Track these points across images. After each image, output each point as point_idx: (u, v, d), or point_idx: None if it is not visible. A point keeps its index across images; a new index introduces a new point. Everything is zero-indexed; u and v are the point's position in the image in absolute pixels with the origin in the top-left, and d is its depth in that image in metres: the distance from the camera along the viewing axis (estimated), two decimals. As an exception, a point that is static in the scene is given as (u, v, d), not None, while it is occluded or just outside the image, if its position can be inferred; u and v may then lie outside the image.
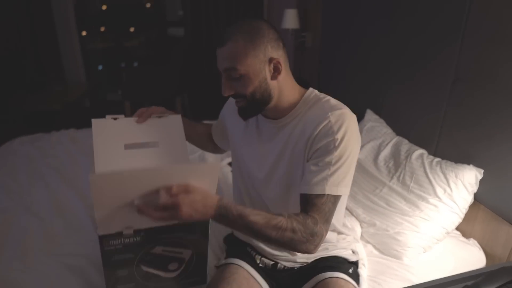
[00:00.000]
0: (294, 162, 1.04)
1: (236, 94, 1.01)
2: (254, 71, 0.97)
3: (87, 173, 1.80)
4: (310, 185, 0.96)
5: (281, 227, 0.90)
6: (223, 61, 0.97)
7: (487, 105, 1.36)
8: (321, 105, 1.02)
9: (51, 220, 1.46)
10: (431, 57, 1.60)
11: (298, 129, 1.03)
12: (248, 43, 0.95)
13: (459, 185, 1.40)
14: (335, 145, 0.95)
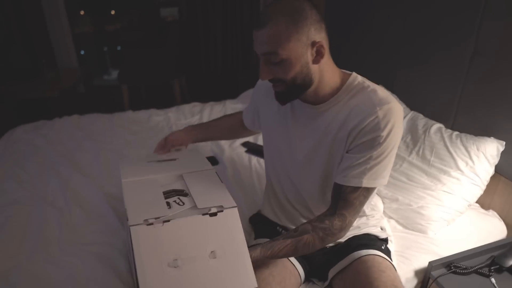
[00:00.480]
0: (334, 150, 1.01)
1: (275, 79, 0.96)
2: (296, 55, 0.91)
3: (98, 159, 1.75)
4: (348, 177, 0.96)
5: (310, 243, 0.99)
6: (262, 45, 0.91)
7: (509, 78, 1.35)
8: (367, 95, 0.97)
9: (69, 209, 1.42)
10: (448, 30, 1.57)
11: (341, 117, 0.99)
12: (290, 26, 0.89)
13: (481, 157, 1.40)
14: (380, 141, 0.93)
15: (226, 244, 0.92)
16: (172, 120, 2.17)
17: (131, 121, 2.13)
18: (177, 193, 1.05)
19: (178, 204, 1.00)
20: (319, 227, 0.98)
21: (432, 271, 1.24)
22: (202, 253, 0.90)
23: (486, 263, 1.25)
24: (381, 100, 0.94)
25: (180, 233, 0.92)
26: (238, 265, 0.90)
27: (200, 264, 0.88)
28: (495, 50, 1.39)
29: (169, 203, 1.00)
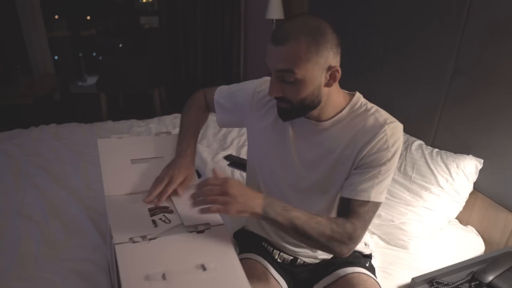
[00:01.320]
0: (338, 168, 1.02)
1: (283, 97, 0.95)
2: (311, 77, 0.91)
3: (77, 171, 1.70)
4: (356, 191, 0.96)
5: (322, 224, 0.91)
6: (279, 62, 0.89)
7: (487, 97, 1.41)
8: (373, 115, 0.99)
9: (47, 223, 1.36)
10: (428, 49, 1.63)
11: (346, 136, 0.99)
12: (312, 47, 0.88)
13: (460, 174, 1.45)
14: (389, 157, 0.95)
15: (215, 258, 0.89)
16: (153, 131, 2.13)
17: (111, 132, 2.08)
18: (161, 210, 1.03)
19: (164, 222, 0.98)
20: (333, 220, 0.94)
21: (415, 287, 1.26)
22: (191, 266, 0.86)
23: (467, 279, 1.29)
24: (386, 120, 0.97)
25: (167, 249, 0.90)
26: (230, 277, 0.87)
27: (190, 277, 0.84)
28: (474, 69, 1.45)
29: (154, 221, 0.98)
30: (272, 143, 1.11)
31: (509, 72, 1.33)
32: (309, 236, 0.91)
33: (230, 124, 1.29)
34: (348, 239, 0.92)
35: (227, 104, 1.22)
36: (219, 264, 0.88)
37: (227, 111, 1.23)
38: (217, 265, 0.87)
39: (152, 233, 0.91)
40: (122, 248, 0.88)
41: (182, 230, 0.95)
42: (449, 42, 1.53)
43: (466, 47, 1.47)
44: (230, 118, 1.25)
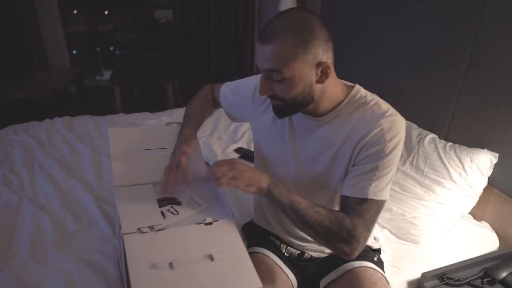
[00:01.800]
0: (335, 162, 1.00)
1: (274, 95, 0.94)
2: (300, 75, 0.88)
3: (89, 162, 1.72)
4: (354, 188, 0.94)
5: (321, 214, 0.91)
6: (265, 61, 0.88)
7: (504, 90, 1.36)
8: (370, 108, 0.96)
9: (59, 213, 1.39)
10: (443, 41, 1.59)
11: (344, 130, 0.97)
12: (298, 45, 0.85)
13: (474, 169, 1.41)
14: (386, 153, 0.92)
15: (223, 248, 0.89)
16: (164, 124, 2.14)
17: (123, 124, 2.10)
18: (169, 201, 1.03)
19: (172, 214, 0.99)
20: (333, 212, 0.93)
21: (425, 282, 1.24)
22: (198, 256, 0.87)
23: (479, 275, 1.26)
24: (384, 113, 0.94)
25: (175, 239, 0.91)
26: (239, 267, 0.87)
27: (197, 266, 0.84)
28: (490, 62, 1.41)
29: (163, 212, 0.98)
30: (272, 138, 1.10)
31: (526, 63, 1.29)
32: (307, 223, 0.91)
33: (237, 118, 1.29)
34: (347, 235, 0.90)
35: (232, 98, 1.22)
36: (227, 254, 0.88)
37: (232, 105, 1.23)
38: (225, 256, 0.88)
39: (160, 224, 0.92)
40: (130, 238, 0.89)
41: (190, 221, 0.96)
42: (464, 34, 1.48)
43: (482, 39, 1.43)
44: (236, 113, 1.25)
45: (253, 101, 1.15)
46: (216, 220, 0.97)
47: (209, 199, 1.04)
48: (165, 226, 0.92)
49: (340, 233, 0.90)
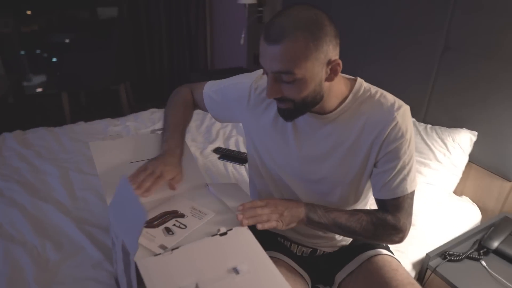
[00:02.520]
0: (348, 159, 0.98)
1: (283, 98, 0.88)
2: (312, 74, 0.84)
3: (57, 180, 1.54)
4: (391, 191, 0.95)
5: (363, 220, 0.95)
6: (275, 63, 0.82)
7: (479, 71, 1.43)
8: (379, 101, 0.94)
9: (35, 243, 1.22)
10: (418, 25, 1.63)
11: (354, 125, 0.95)
12: (310, 43, 0.80)
13: (456, 148, 1.48)
14: (407, 146, 0.92)
15: (245, 259, 0.84)
16: (132, 130, 1.99)
17: (86, 134, 1.92)
18: (172, 215, 0.95)
19: (180, 228, 0.91)
20: (373, 214, 0.97)
21: (430, 261, 1.27)
22: (223, 271, 0.81)
23: (474, 247, 1.32)
24: (393, 104, 0.93)
25: (193, 257, 0.83)
26: (266, 277, 0.82)
27: (225, 283, 0.79)
28: (465, 45, 1.47)
29: (169, 228, 0.90)
30: (274, 139, 1.05)
31: (500, 46, 1.36)
32: (354, 233, 0.96)
33: (224, 119, 1.23)
34: (394, 230, 0.95)
35: (219, 99, 1.14)
36: (251, 264, 0.83)
37: (219, 106, 1.16)
38: (250, 267, 0.82)
39: (172, 242, 0.84)
40: (145, 263, 0.79)
41: (202, 234, 0.89)
42: (439, 19, 1.53)
43: (457, 23, 1.48)
44: (222, 114, 1.18)
45: (248, 103, 1.08)
46: (230, 228, 0.91)
47: (211, 206, 0.97)
48: (178, 243, 0.84)
49: (386, 230, 0.96)
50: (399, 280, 1.00)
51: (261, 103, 1.06)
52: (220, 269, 0.81)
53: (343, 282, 1.11)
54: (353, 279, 1.09)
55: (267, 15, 2.70)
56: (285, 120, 0.96)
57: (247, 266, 0.82)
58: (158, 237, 0.87)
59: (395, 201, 0.95)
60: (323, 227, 0.95)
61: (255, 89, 1.07)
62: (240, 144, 1.95)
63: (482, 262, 1.27)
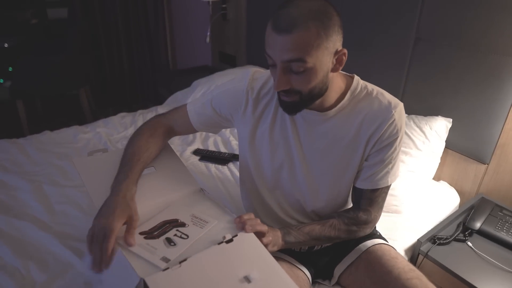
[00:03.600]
0: (347, 155, 1.00)
1: (291, 89, 0.87)
2: (321, 64, 0.84)
3: (30, 195, 1.43)
4: (374, 181, 1.00)
5: (336, 226, 1.02)
6: (286, 52, 0.81)
7: (451, 60, 1.50)
8: (377, 99, 0.96)
9: (16, 265, 1.12)
10: (388, 19, 1.67)
11: (353, 122, 0.97)
12: (321, 32, 0.81)
13: (434, 135, 1.55)
14: (398, 141, 0.98)
15: (255, 266, 0.83)
16: (104, 136, 1.89)
17: (53, 143, 1.79)
18: (172, 224, 0.91)
19: (182, 238, 0.87)
20: (344, 215, 1.04)
21: (421, 246, 1.32)
22: (235, 281, 0.79)
23: (459, 229, 1.39)
24: (391, 102, 0.96)
25: (203, 268, 0.81)
26: (278, 282, 0.82)
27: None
28: (436, 36, 1.53)
29: (170, 239, 0.86)
30: (273, 139, 1.04)
31: (470, 35, 1.43)
32: (330, 239, 1.04)
33: (218, 129, 1.19)
34: (365, 225, 1.05)
35: (208, 111, 1.10)
36: (262, 272, 0.82)
37: (209, 119, 1.11)
38: (261, 274, 0.81)
39: (175, 254, 0.81)
40: (154, 280, 0.75)
41: (206, 243, 0.86)
42: (409, 11, 1.58)
43: (427, 15, 1.54)
44: (214, 125, 1.14)
45: (246, 107, 1.05)
46: (235, 235, 0.89)
47: (211, 213, 0.95)
48: (181, 255, 0.81)
49: (359, 227, 1.04)
50: (400, 267, 1.03)
51: (259, 104, 1.04)
52: (232, 279, 0.79)
53: (343, 275, 1.13)
54: (353, 271, 1.11)
55: (231, 12, 2.67)
56: (289, 113, 0.96)
57: (258, 274, 0.81)
58: (159, 249, 0.83)
59: (372, 193, 1.02)
60: (302, 244, 1.02)
61: (252, 92, 1.04)
62: (219, 144, 1.92)
63: (468, 243, 1.34)
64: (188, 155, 1.79)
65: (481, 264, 1.26)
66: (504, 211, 1.42)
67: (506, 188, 1.50)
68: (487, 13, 1.37)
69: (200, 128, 1.14)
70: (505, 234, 1.33)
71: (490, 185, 1.55)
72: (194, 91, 2.26)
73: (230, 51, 2.83)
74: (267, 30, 0.84)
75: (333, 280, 1.15)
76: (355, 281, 1.10)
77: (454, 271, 1.23)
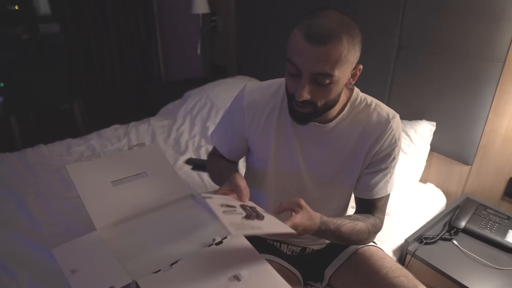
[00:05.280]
0: (348, 165, 1.02)
1: (308, 101, 0.87)
2: (343, 78, 0.85)
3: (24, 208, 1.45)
4: (375, 191, 1.03)
5: (362, 232, 1.00)
6: (319, 64, 0.81)
7: (433, 66, 1.56)
8: (376, 110, 0.99)
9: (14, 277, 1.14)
10: (371, 28, 1.73)
11: (352, 133, 0.99)
12: (350, 46, 0.81)
13: (419, 139, 1.60)
14: (397, 151, 1.01)
15: (245, 265, 0.86)
16: (97, 148, 1.92)
17: (48, 157, 1.82)
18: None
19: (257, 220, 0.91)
20: (367, 221, 1.02)
21: (409, 246, 1.36)
22: (224, 280, 0.82)
23: (445, 229, 1.43)
24: (388, 113, 0.99)
25: (193, 270, 0.84)
26: (267, 280, 0.84)
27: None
28: (417, 43, 1.59)
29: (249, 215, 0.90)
30: (276, 149, 1.06)
31: (448, 42, 1.49)
32: (348, 242, 1.03)
33: (243, 152, 1.18)
34: (377, 231, 1.06)
35: (227, 140, 1.15)
36: (251, 270, 0.85)
37: (231, 145, 1.15)
38: (250, 273, 0.84)
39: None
40: (147, 282, 0.79)
41: (198, 246, 0.89)
42: (391, 20, 1.64)
43: (408, 23, 1.60)
44: (240, 145, 1.15)
45: (251, 122, 1.07)
46: (225, 237, 0.92)
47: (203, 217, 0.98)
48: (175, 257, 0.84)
49: (375, 234, 1.06)
50: (388, 267, 1.06)
51: (260, 116, 1.06)
52: (222, 279, 0.82)
53: (333, 276, 1.15)
54: (342, 273, 1.13)
55: (221, 24, 2.72)
56: (299, 123, 0.96)
57: (248, 272, 0.84)
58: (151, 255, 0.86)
59: (378, 202, 1.04)
60: (325, 239, 1.01)
61: (250, 107, 1.06)
62: (211, 153, 1.95)
63: (454, 241, 1.38)
64: (181, 165, 1.82)
65: (467, 261, 1.30)
66: (488, 210, 1.47)
67: (489, 187, 1.55)
68: (462, 21, 1.43)
69: (230, 156, 1.17)
70: (488, 231, 1.38)
71: (474, 185, 1.60)
72: (186, 102, 2.30)
73: (221, 62, 2.89)
74: (295, 39, 0.83)
75: (324, 282, 1.17)
76: (345, 282, 1.13)
77: (441, 269, 1.27)
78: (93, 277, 0.80)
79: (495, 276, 1.24)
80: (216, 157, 1.19)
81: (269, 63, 2.42)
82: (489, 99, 1.44)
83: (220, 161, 1.17)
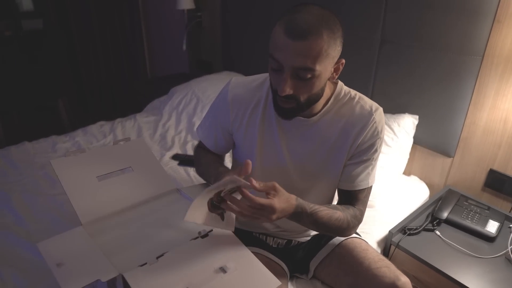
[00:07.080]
0: (331, 157, 1.04)
1: (292, 95, 0.88)
2: (325, 72, 0.86)
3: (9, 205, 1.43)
4: (356, 183, 1.03)
5: (340, 220, 0.99)
6: (299, 58, 0.81)
7: (415, 60, 1.59)
8: (358, 103, 1.01)
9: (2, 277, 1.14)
10: (354, 23, 1.75)
11: (336, 126, 1.00)
12: (331, 40, 0.82)
13: (402, 132, 1.62)
14: (379, 143, 1.02)
15: (230, 257, 0.88)
16: (83, 145, 1.90)
17: (32, 154, 1.79)
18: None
19: None
20: (347, 211, 1.02)
21: (393, 238, 1.39)
22: (211, 272, 0.84)
23: (428, 220, 1.46)
24: (371, 106, 1.01)
25: (179, 262, 0.85)
26: (253, 272, 0.86)
27: (215, 283, 0.82)
28: (400, 38, 1.62)
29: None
30: (262, 143, 1.07)
31: (430, 36, 1.52)
32: (327, 230, 1.01)
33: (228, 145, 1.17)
34: (358, 223, 1.05)
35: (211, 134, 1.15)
36: (237, 262, 0.87)
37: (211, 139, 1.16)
38: (236, 264, 0.86)
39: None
40: (133, 276, 0.79)
41: (184, 238, 0.90)
42: (374, 15, 1.66)
43: (390, 18, 1.62)
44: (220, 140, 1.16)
45: (238, 114, 1.07)
46: (211, 230, 0.94)
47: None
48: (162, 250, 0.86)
49: (355, 227, 1.04)
50: (370, 258, 1.08)
51: (245, 111, 1.06)
52: (208, 270, 0.84)
53: (318, 268, 1.17)
54: (327, 264, 1.15)
55: (206, 20, 2.72)
56: (284, 118, 0.97)
57: (234, 264, 0.85)
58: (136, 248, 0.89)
59: (360, 194, 1.05)
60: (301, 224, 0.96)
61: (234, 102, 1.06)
62: (198, 148, 1.95)
63: (436, 232, 1.41)
64: (167, 160, 1.82)
65: (449, 251, 1.34)
66: (469, 201, 1.51)
67: (470, 179, 1.59)
68: (443, 15, 1.46)
69: (216, 150, 1.17)
70: (470, 222, 1.41)
71: (456, 177, 1.63)
72: (171, 97, 2.30)
73: (207, 58, 2.88)
74: (276, 34, 0.84)
75: (309, 274, 1.19)
76: (329, 273, 1.15)
77: (424, 259, 1.30)
78: (79, 271, 0.80)
79: (476, 265, 1.27)
80: (202, 151, 1.20)
81: (254, 58, 2.42)
82: (469, 92, 1.47)
83: (206, 155, 1.17)
